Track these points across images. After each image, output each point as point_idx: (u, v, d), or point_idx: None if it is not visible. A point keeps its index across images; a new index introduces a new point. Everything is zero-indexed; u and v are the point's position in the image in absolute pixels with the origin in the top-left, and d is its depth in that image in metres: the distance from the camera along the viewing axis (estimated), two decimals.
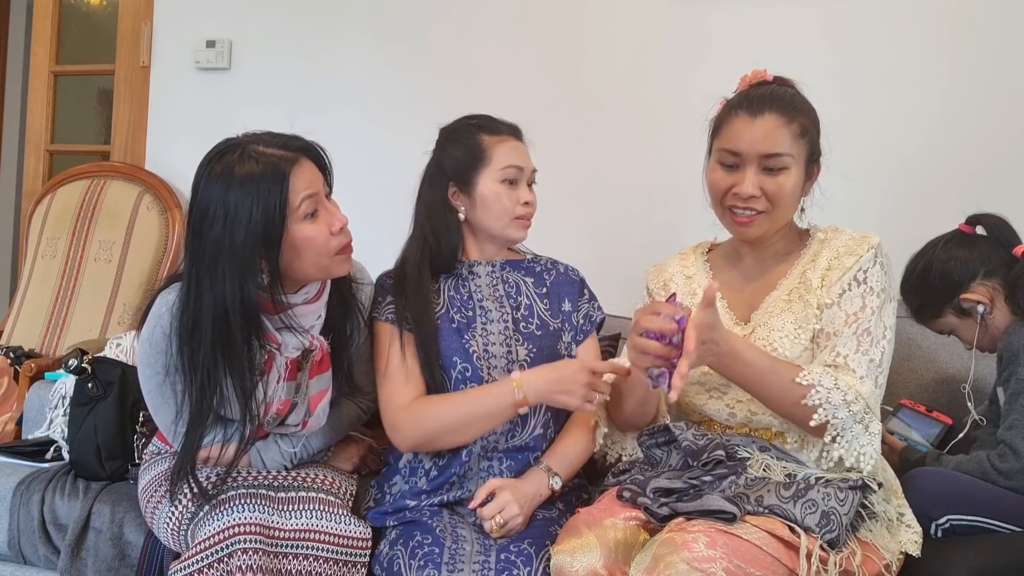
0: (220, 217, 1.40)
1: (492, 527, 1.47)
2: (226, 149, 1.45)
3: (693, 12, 2.35)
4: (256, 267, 1.42)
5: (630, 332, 1.33)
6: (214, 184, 1.42)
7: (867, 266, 1.44)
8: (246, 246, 1.40)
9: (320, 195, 1.47)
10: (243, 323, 1.43)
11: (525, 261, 1.75)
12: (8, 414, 2.37)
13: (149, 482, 1.62)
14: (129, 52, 3.00)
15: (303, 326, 1.52)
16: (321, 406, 1.59)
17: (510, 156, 1.65)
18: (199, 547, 1.41)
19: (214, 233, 1.41)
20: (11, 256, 4.54)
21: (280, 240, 1.42)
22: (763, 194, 1.44)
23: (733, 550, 1.19)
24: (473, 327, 1.65)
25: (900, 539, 1.41)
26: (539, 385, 1.52)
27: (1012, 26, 2.13)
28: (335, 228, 1.48)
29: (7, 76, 4.56)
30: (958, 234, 1.74)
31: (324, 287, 1.57)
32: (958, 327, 1.74)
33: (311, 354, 1.55)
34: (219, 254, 1.41)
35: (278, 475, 1.58)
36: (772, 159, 1.43)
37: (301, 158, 1.46)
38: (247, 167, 1.41)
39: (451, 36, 2.59)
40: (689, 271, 1.62)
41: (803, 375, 1.35)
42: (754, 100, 1.46)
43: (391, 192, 2.62)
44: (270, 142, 1.46)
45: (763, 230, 1.48)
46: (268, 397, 1.53)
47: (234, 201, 1.40)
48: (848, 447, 1.37)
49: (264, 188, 1.40)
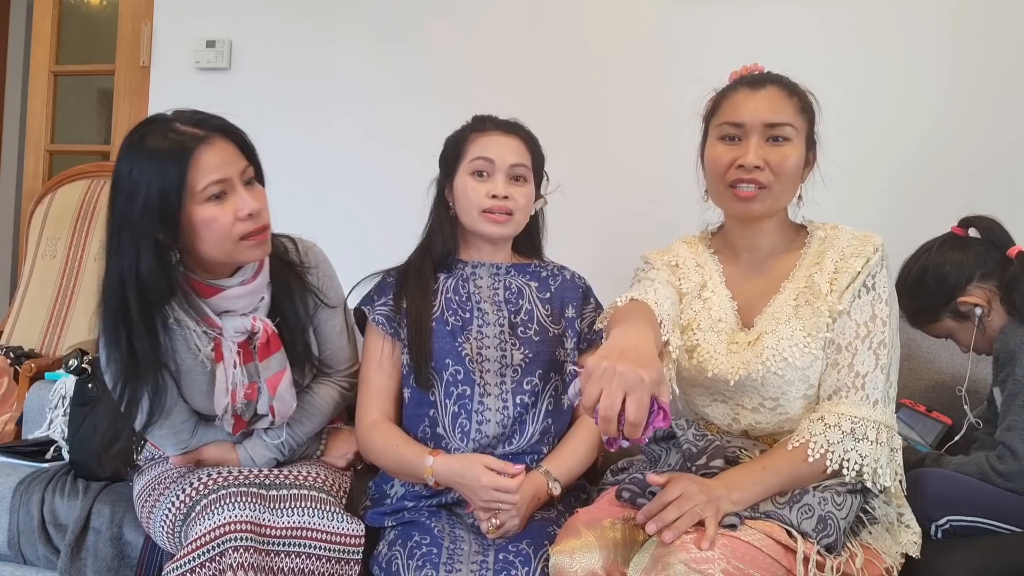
0: (124, 190, 1.41)
1: (489, 528, 1.47)
2: (147, 123, 1.46)
3: (691, 12, 2.35)
4: (152, 243, 1.41)
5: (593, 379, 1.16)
6: (125, 156, 1.42)
7: (875, 270, 1.41)
8: (142, 220, 1.39)
9: (231, 178, 1.44)
10: (138, 297, 1.42)
11: (531, 265, 1.75)
12: (8, 414, 2.36)
13: (144, 487, 1.63)
14: (129, 52, 3.00)
15: (239, 308, 1.52)
16: (282, 388, 1.57)
17: (481, 148, 1.65)
18: (191, 547, 1.41)
19: (118, 205, 1.42)
20: (11, 256, 4.53)
21: (177, 218, 1.40)
22: (767, 166, 1.41)
23: (731, 551, 1.19)
24: (468, 329, 1.65)
25: (900, 540, 1.40)
26: (444, 475, 1.53)
27: (1012, 26, 2.12)
28: (241, 213, 1.44)
29: (7, 76, 4.56)
30: (951, 237, 1.73)
31: (260, 269, 1.55)
32: (955, 330, 1.73)
33: (256, 336, 1.54)
34: (120, 226, 1.41)
35: (269, 473, 1.57)
36: (776, 128, 1.41)
37: (214, 138, 1.43)
38: (154, 142, 1.40)
39: (451, 36, 2.59)
40: (699, 259, 1.57)
41: (810, 452, 1.31)
42: (755, 78, 1.46)
43: (390, 192, 2.64)
44: (188, 120, 1.45)
45: (765, 206, 1.44)
46: (230, 383, 1.53)
47: (137, 175, 1.40)
48: (872, 471, 1.33)
49: (165, 165, 1.39)
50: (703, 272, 1.55)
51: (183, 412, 1.58)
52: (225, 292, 1.51)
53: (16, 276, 3.21)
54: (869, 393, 1.35)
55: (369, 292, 1.72)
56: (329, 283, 1.68)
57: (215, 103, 2.76)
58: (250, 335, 1.54)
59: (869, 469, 1.31)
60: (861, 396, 1.35)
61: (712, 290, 1.52)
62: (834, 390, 1.37)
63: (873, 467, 1.32)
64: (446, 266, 1.71)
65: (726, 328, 1.47)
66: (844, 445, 1.31)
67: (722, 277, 1.53)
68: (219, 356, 1.53)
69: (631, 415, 1.10)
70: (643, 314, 1.35)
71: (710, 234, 1.62)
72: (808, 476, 1.33)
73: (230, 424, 1.58)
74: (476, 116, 1.72)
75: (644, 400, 1.11)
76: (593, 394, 1.12)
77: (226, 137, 1.46)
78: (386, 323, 1.65)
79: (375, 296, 1.69)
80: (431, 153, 1.75)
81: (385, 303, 1.67)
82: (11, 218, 4.51)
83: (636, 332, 1.24)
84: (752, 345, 1.43)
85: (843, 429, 1.32)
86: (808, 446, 1.32)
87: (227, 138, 1.46)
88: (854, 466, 1.31)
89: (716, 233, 1.61)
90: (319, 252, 1.69)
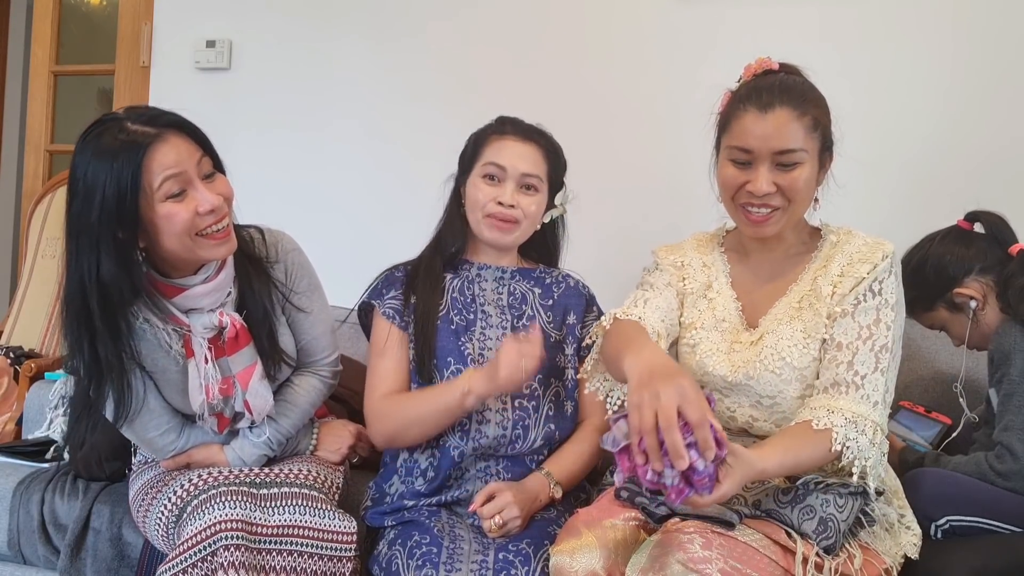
0: (80, 192, 1.39)
1: (491, 526, 1.47)
2: (100, 122, 1.43)
3: (694, 11, 2.35)
4: (111, 244, 1.39)
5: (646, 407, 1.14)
6: (80, 158, 1.41)
7: (883, 276, 1.41)
8: (100, 222, 1.38)
9: (187, 173, 1.42)
10: (100, 301, 1.40)
11: (536, 271, 1.75)
12: (8, 414, 2.37)
13: (138, 491, 1.62)
14: (129, 52, 3.00)
15: (204, 306, 1.51)
16: (254, 382, 1.56)
17: (495, 152, 1.65)
18: (183, 546, 1.40)
19: (75, 209, 1.40)
20: (11, 256, 4.54)
21: (135, 218, 1.39)
22: (778, 189, 1.40)
23: (729, 551, 1.19)
24: (472, 330, 1.65)
25: (900, 541, 1.40)
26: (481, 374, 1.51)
27: (1012, 26, 2.12)
28: (201, 209, 1.42)
29: (7, 76, 4.56)
30: (956, 230, 1.74)
31: (223, 266, 1.54)
32: (949, 322, 1.74)
33: (225, 331, 1.54)
34: (79, 230, 1.40)
35: (260, 472, 1.57)
36: (785, 155, 1.39)
37: (168, 134, 1.41)
38: (107, 142, 1.39)
39: (452, 36, 2.58)
40: (707, 259, 1.58)
41: (834, 441, 1.30)
42: (763, 93, 1.41)
43: (390, 192, 2.64)
44: (139, 118, 1.42)
45: (779, 227, 1.44)
46: (203, 379, 1.52)
47: (92, 176, 1.38)
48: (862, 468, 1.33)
49: (118, 165, 1.37)
50: (709, 272, 1.55)
51: (165, 414, 1.57)
52: (188, 292, 1.50)
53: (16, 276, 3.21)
54: (869, 393, 1.35)
55: (377, 286, 1.71)
56: (300, 272, 1.66)
57: (215, 103, 2.80)
58: (219, 330, 1.53)
59: (859, 465, 1.31)
60: (861, 394, 1.34)
61: (717, 290, 1.53)
62: (832, 383, 1.37)
63: (863, 465, 1.32)
64: (453, 266, 1.71)
65: (729, 328, 1.49)
66: (847, 431, 1.31)
67: (728, 278, 1.54)
68: (190, 352, 1.53)
69: (694, 416, 1.10)
70: (640, 331, 1.38)
71: (725, 232, 1.62)
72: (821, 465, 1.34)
73: (213, 423, 1.58)
74: (500, 117, 1.72)
75: (699, 400, 1.11)
76: (649, 419, 1.11)
77: (179, 132, 1.44)
78: (396, 316, 1.65)
79: (383, 290, 1.69)
80: (431, 153, 1.76)
81: (395, 296, 1.67)
82: (11, 218, 4.51)
83: (648, 352, 1.25)
84: (754, 345, 1.44)
85: (846, 417, 1.32)
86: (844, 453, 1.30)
87: (181, 132, 1.44)
88: (850, 455, 1.30)
89: (731, 232, 1.61)
90: (288, 242, 1.67)
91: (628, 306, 1.49)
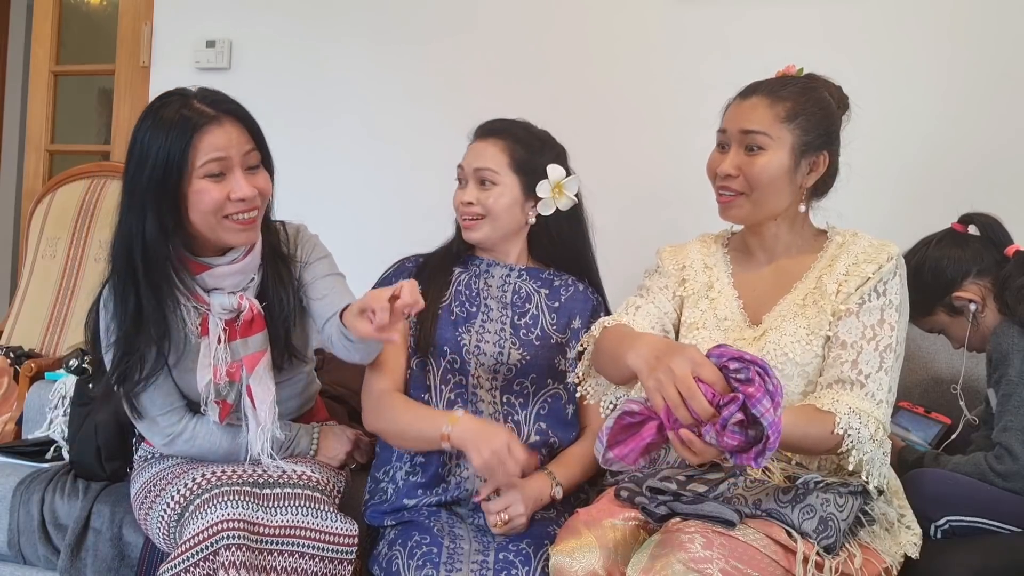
0: (136, 155, 1.47)
1: (496, 522, 1.47)
2: (169, 93, 1.52)
3: (697, 13, 2.35)
4: (156, 209, 1.46)
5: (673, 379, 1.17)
6: (142, 122, 1.49)
7: (887, 277, 1.42)
8: (148, 187, 1.45)
9: (231, 160, 1.48)
10: (144, 258, 1.48)
11: (546, 272, 1.75)
12: (8, 414, 2.36)
13: (140, 488, 1.62)
14: (129, 52, 3.00)
15: (227, 287, 1.56)
16: (260, 368, 1.58)
17: (463, 156, 1.69)
18: (185, 546, 1.41)
19: (129, 169, 1.49)
20: (11, 256, 4.54)
21: (176, 189, 1.46)
22: (740, 173, 1.45)
23: (730, 551, 1.19)
24: (471, 322, 1.66)
25: (900, 541, 1.41)
26: (467, 430, 1.47)
27: (1012, 27, 2.12)
28: (234, 195, 1.48)
29: (7, 76, 4.56)
30: (951, 233, 1.74)
31: (251, 250, 1.58)
32: (948, 325, 1.74)
33: (241, 315, 1.56)
34: (130, 189, 1.48)
35: (263, 472, 1.56)
36: (748, 136, 1.44)
37: (224, 119, 1.48)
38: (167, 114, 1.46)
39: (452, 37, 2.58)
40: (709, 260, 1.59)
41: (837, 425, 1.30)
42: (751, 86, 1.49)
43: (390, 192, 2.64)
44: (204, 98, 1.50)
45: (744, 212, 1.48)
46: (212, 358, 1.55)
47: (147, 143, 1.46)
48: (858, 459, 1.33)
49: (172, 136, 1.44)
50: (711, 273, 1.57)
51: (173, 393, 1.59)
52: (213, 270, 1.54)
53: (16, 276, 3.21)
54: (873, 392, 1.35)
55: (387, 274, 1.75)
56: (314, 251, 1.68)
57: None
58: (236, 314, 1.56)
59: (856, 456, 1.32)
60: (866, 391, 1.35)
61: (719, 290, 1.54)
62: (835, 380, 1.37)
63: (859, 457, 1.32)
64: (463, 261, 1.73)
65: (732, 327, 1.49)
66: (850, 419, 1.31)
67: (730, 278, 1.55)
68: (204, 331, 1.56)
69: (712, 377, 1.16)
70: (630, 330, 1.42)
71: (730, 233, 1.63)
72: (820, 452, 1.36)
73: (215, 411, 1.58)
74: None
75: (710, 366, 1.17)
76: (673, 394, 1.16)
77: (236, 120, 1.50)
78: None
79: (393, 278, 1.72)
80: (431, 153, 1.76)
81: None
82: (11, 218, 4.52)
83: (645, 340, 1.29)
84: (757, 341, 1.45)
85: (850, 407, 1.32)
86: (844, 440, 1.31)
87: (237, 121, 1.51)
88: (850, 442, 1.30)
89: (736, 233, 1.63)
90: (306, 235, 1.71)
91: (619, 314, 1.53)
